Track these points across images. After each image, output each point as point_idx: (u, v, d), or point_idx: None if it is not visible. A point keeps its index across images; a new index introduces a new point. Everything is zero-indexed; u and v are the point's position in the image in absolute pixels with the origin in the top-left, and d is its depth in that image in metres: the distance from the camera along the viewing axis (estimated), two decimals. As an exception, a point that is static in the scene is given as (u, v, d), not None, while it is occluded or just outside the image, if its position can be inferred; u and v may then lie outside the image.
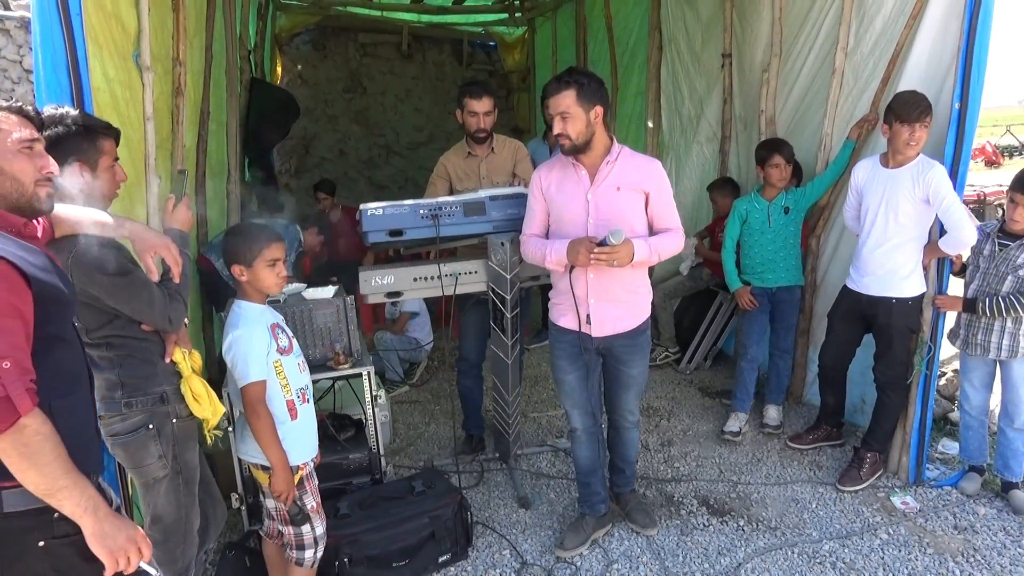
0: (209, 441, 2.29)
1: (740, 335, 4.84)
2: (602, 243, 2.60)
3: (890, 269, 3.38)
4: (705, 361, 5.23)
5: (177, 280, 2.04)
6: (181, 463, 2.17)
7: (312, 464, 2.50)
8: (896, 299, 3.39)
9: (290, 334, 2.51)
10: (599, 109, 2.64)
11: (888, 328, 3.43)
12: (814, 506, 3.41)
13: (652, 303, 2.99)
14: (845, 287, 3.61)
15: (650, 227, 2.78)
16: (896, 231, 3.33)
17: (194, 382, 2.17)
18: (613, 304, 2.81)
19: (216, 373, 4.08)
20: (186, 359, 2.18)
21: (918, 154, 3.25)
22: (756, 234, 4.07)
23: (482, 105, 3.55)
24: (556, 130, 2.66)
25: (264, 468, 2.37)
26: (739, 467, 3.80)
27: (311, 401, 2.53)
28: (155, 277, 2.00)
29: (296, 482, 2.41)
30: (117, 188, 2.10)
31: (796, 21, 4.32)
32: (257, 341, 2.32)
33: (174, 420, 2.15)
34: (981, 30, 3.03)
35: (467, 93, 3.57)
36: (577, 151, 2.70)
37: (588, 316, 2.82)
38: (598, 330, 2.83)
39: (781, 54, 4.45)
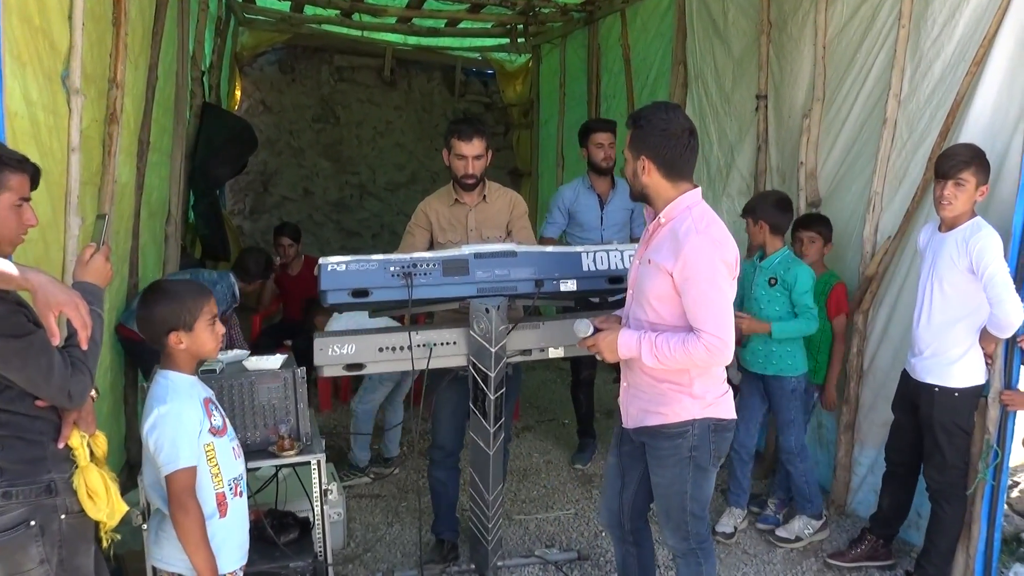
0: (105, 543, 2.23)
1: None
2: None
3: (936, 351, 3.40)
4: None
5: (84, 346, 1.99)
6: (69, 570, 2.10)
7: (240, 574, 2.45)
8: (938, 388, 3.39)
9: (223, 412, 2.49)
10: (645, 161, 2.61)
11: (930, 422, 3.43)
12: (857, 644, 3.34)
13: None
14: (903, 370, 3.65)
15: None
16: (942, 306, 3.36)
17: (90, 475, 2.11)
18: (638, 392, 2.80)
19: (137, 454, 4.03)
20: (84, 444, 2.13)
21: (964, 215, 3.29)
22: (742, 300, 4.04)
23: (472, 148, 3.60)
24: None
25: None
26: (767, 591, 3.74)
27: (244, 495, 2.50)
28: (57, 340, 1.95)
29: (221, 596, 2.36)
30: (23, 232, 2.10)
31: (842, 62, 4.44)
32: (188, 419, 2.30)
33: (63, 516, 2.08)
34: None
35: (455, 133, 3.62)
36: (635, 199, 2.77)
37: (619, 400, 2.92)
38: (625, 418, 2.88)
39: (824, 98, 4.55)
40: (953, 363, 3.37)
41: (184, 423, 2.30)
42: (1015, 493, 4.38)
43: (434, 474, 3.89)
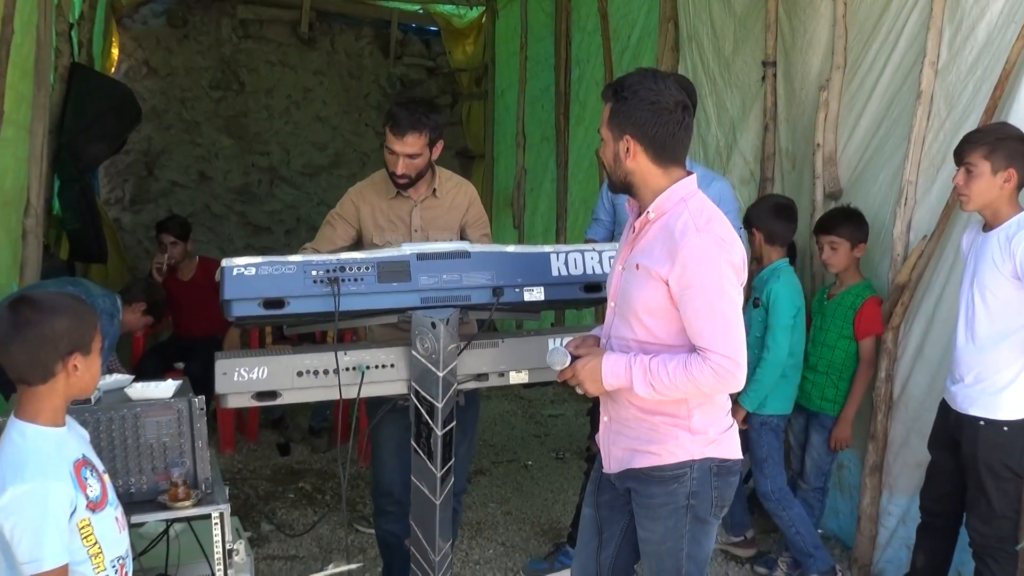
0: None
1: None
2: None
3: (980, 375, 3.44)
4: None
5: None
6: None
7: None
8: (985, 420, 3.42)
9: (101, 470, 2.45)
10: (630, 141, 2.60)
11: (974, 463, 3.46)
12: None
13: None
14: (942, 399, 3.70)
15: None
16: (986, 320, 3.40)
17: None
18: (623, 428, 2.78)
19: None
20: None
21: (1002, 210, 3.35)
22: None
23: (403, 146, 3.57)
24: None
25: None
26: (778, 672, 3.78)
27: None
28: None
29: None
30: None
31: (867, 21, 4.52)
32: (55, 503, 2.23)
33: None
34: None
35: (387, 120, 3.61)
36: (615, 190, 2.77)
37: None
38: (607, 461, 2.87)
39: (845, 66, 4.64)
40: (1001, 391, 3.40)
41: (50, 510, 2.22)
42: (1075, 548, 4.46)
43: (385, 527, 3.90)
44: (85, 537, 2.31)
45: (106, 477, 2.48)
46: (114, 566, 2.39)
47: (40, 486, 2.22)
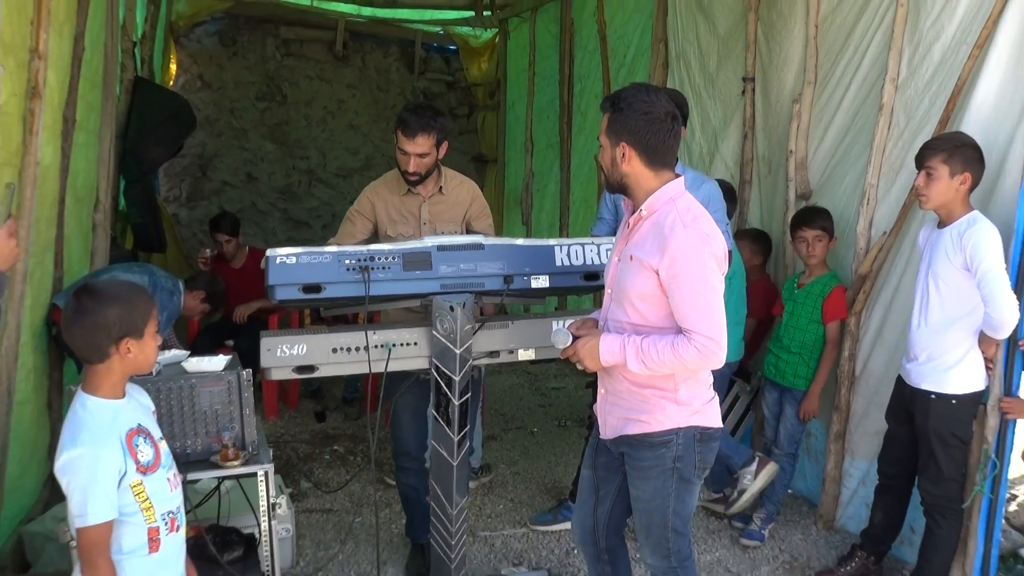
0: None
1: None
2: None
3: (932, 355, 3.48)
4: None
5: None
6: None
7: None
8: (935, 394, 3.47)
9: (157, 436, 2.46)
10: (626, 148, 2.63)
11: (925, 431, 3.51)
12: (847, 669, 3.42)
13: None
14: (898, 376, 3.73)
15: None
16: (939, 306, 3.44)
17: None
18: (617, 399, 2.83)
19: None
20: None
21: (957, 209, 3.37)
22: None
23: (414, 146, 3.62)
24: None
25: None
26: (752, 613, 3.81)
27: (182, 528, 2.50)
28: None
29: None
30: None
31: (836, 42, 4.52)
32: (104, 468, 2.24)
33: None
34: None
35: (399, 124, 3.66)
36: (612, 190, 2.80)
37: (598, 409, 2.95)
38: (603, 428, 2.91)
39: (816, 82, 4.64)
40: (950, 368, 3.45)
41: (98, 474, 2.23)
42: (1013, 507, 4.47)
43: (405, 481, 3.95)
44: (137, 495, 2.32)
45: (161, 444, 2.47)
46: (164, 519, 2.40)
47: (91, 451, 2.23)
